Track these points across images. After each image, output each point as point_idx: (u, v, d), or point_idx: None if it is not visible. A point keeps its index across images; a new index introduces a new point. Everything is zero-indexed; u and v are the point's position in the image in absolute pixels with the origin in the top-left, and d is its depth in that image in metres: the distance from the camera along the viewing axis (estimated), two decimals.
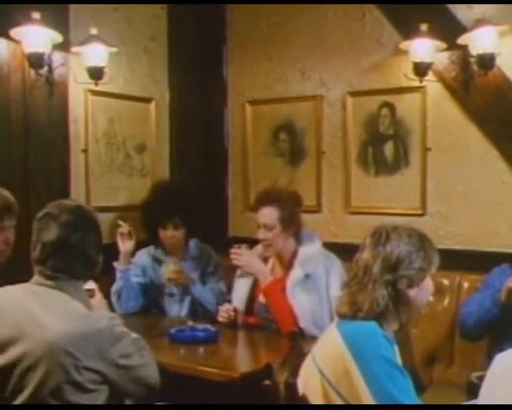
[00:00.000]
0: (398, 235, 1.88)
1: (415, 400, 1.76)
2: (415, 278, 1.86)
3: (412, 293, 1.86)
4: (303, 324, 2.83)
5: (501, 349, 1.73)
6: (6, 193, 2.46)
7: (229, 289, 3.27)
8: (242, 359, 2.78)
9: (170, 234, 3.43)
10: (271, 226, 2.97)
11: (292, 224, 3.00)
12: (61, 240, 1.93)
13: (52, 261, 1.93)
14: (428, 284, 1.92)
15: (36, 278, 1.96)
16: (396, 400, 1.71)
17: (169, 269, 3.30)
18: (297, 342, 2.56)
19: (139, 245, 3.50)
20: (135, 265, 3.43)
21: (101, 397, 1.89)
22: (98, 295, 2.35)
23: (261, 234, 3.01)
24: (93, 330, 1.85)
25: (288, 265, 3.04)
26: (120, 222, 3.40)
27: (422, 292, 1.91)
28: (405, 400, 1.72)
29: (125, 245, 3.34)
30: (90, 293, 2.25)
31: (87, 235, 1.98)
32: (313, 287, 2.91)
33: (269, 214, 2.99)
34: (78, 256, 1.95)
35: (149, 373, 2.04)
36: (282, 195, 3.08)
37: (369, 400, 1.72)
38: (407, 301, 1.86)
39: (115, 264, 3.33)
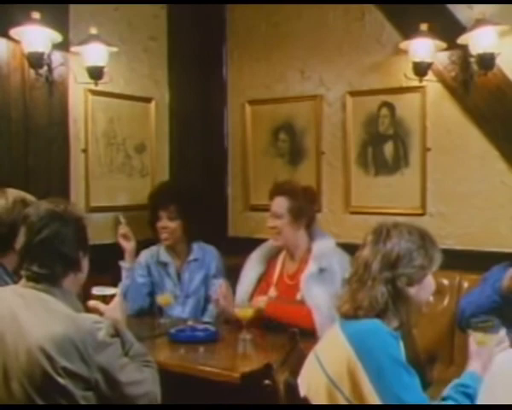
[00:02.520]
0: (399, 232, 1.88)
1: (421, 398, 1.76)
2: (414, 276, 1.86)
3: (412, 291, 1.86)
4: (319, 318, 2.83)
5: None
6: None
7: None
8: (242, 358, 2.77)
9: (164, 224, 3.43)
10: (280, 215, 3.04)
11: (301, 216, 3.05)
12: (28, 243, 1.92)
13: (28, 265, 1.92)
14: (429, 282, 1.92)
15: (23, 280, 1.96)
16: (402, 399, 1.70)
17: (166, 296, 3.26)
18: (297, 342, 2.55)
19: (143, 245, 3.51)
20: (139, 265, 3.44)
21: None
22: (113, 301, 2.18)
23: (270, 222, 3.07)
24: (73, 331, 1.81)
25: (301, 260, 3.06)
26: (121, 219, 3.41)
27: (423, 290, 1.90)
28: (411, 399, 1.72)
29: (127, 244, 3.38)
30: (108, 299, 2.14)
31: (56, 234, 1.93)
32: (328, 281, 2.91)
33: (279, 203, 3.06)
34: (50, 256, 1.92)
35: (142, 392, 1.94)
36: (294, 187, 3.15)
37: (374, 399, 1.71)
38: (406, 298, 1.86)
39: (121, 263, 3.35)
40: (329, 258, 2.98)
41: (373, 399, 1.72)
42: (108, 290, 2.14)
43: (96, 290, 2.13)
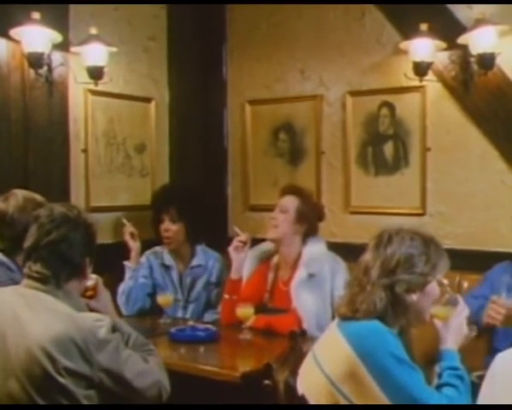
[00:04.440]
0: (401, 238, 1.87)
1: (432, 393, 1.77)
2: (415, 283, 1.84)
3: (414, 298, 1.84)
4: (306, 325, 2.83)
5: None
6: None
7: None
8: (242, 358, 2.78)
9: (166, 227, 3.42)
10: (286, 210, 3.01)
11: (304, 221, 3.02)
12: (36, 243, 1.93)
13: (32, 264, 1.93)
14: (433, 289, 1.89)
15: (25, 281, 1.96)
16: (412, 396, 1.71)
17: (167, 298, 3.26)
18: (297, 342, 2.55)
19: (146, 245, 3.51)
20: (141, 265, 3.43)
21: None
22: (102, 293, 2.20)
23: (274, 213, 3.05)
24: (74, 331, 1.81)
25: (292, 266, 3.03)
26: (124, 221, 3.44)
27: (426, 298, 1.88)
28: (422, 394, 1.72)
29: (134, 244, 3.40)
30: (91, 291, 2.13)
31: (65, 237, 1.93)
32: (317, 287, 2.91)
33: (289, 200, 3.05)
34: (56, 259, 1.92)
35: (149, 382, 1.95)
36: (308, 195, 3.16)
37: (381, 399, 1.71)
38: (405, 305, 1.84)
39: (126, 263, 3.35)
40: (320, 263, 2.96)
41: (380, 398, 1.71)
42: (88, 281, 2.11)
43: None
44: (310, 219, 3.04)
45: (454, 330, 1.95)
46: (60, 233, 1.93)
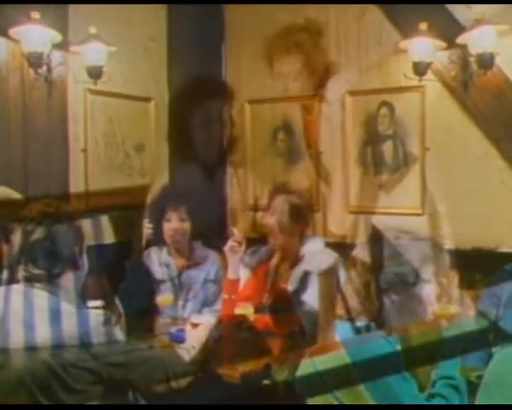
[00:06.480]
0: (392, 236, 1.86)
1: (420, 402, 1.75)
2: (399, 281, 1.80)
3: (400, 297, 1.80)
4: (306, 323, 2.83)
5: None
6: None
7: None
8: (242, 358, 2.77)
9: (175, 226, 3.41)
10: (281, 212, 3.00)
11: (300, 219, 3.01)
12: (22, 245, 1.95)
13: (25, 266, 1.94)
14: (423, 291, 1.84)
15: (22, 281, 1.97)
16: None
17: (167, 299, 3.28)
18: (297, 342, 2.56)
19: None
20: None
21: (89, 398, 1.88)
22: (198, 328, 2.48)
23: (268, 217, 3.03)
24: (77, 328, 1.83)
25: (291, 266, 3.03)
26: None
27: (416, 299, 1.83)
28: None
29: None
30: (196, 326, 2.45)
31: (49, 233, 1.95)
32: (315, 284, 2.91)
33: (283, 200, 3.03)
34: (45, 256, 1.94)
35: (151, 366, 2.02)
36: (298, 190, 3.18)
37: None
38: (392, 303, 1.81)
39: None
40: (317, 260, 2.96)
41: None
42: (203, 318, 2.55)
43: (194, 318, 2.59)
44: (304, 217, 3.04)
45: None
46: (43, 231, 1.94)
